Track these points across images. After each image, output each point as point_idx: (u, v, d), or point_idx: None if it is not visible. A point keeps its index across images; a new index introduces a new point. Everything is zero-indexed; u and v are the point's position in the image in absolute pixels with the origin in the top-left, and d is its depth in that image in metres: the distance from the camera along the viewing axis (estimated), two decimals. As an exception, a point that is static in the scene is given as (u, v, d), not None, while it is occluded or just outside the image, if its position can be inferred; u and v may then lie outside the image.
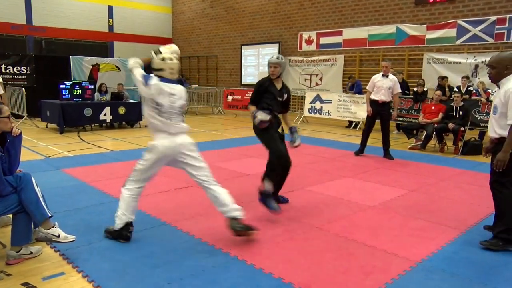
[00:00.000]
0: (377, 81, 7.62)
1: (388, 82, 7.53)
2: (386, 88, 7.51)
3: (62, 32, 19.58)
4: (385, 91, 7.52)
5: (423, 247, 3.56)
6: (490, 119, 3.71)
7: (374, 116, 7.76)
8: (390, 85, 7.52)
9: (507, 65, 3.55)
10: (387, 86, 7.51)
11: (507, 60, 3.56)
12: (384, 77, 7.57)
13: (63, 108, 10.04)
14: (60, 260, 3.20)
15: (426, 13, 13.03)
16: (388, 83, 7.52)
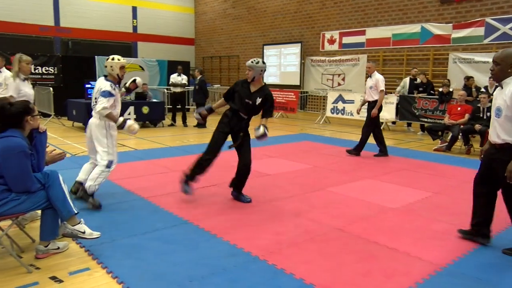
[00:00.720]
0: (367, 82, 7.85)
1: (370, 82, 7.66)
2: (368, 88, 7.71)
3: (87, 33, 20.02)
4: (367, 91, 7.72)
5: (448, 251, 3.49)
6: (492, 122, 3.44)
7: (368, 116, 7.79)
8: (371, 84, 7.63)
9: (510, 63, 3.28)
10: (368, 85, 7.70)
11: (509, 58, 3.28)
12: (369, 77, 7.72)
13: (89, 107, 10.22)
14: (85, 256, 3.28)
15: (452, 11, 12.75)
16: (370, 82, 7.67)
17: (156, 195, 4.94)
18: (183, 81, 12.19)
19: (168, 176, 5.94)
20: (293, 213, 4.40)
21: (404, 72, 13.71)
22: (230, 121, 4.77)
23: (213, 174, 6.05)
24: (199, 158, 4.71)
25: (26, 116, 3.10)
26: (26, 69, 5.24)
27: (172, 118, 12.16)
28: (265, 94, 4.68)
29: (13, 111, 3.04)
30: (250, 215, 4.31)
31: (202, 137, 9.94)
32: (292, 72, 17.84)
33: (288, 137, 10.23)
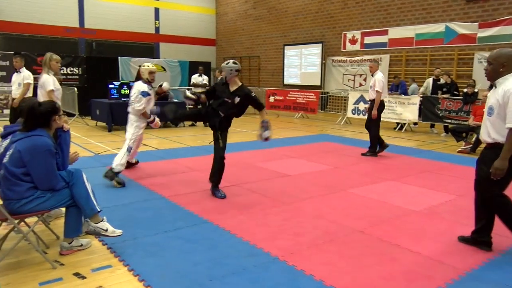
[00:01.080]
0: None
1: (371, 81, 7.77)
2: (369, 87, 7.86)
3: (111, 34, 20.40)
4: (370, 90, 7.83)
5: (472, 256, 3.40)
6: (484, 121, 3.46)
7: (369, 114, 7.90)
8: (371, 84, 7.74)
9: (503, 62, 3.27)
10: (370, 85, 7.83)
11: (504, 57, 3.28)
12: (372, 76, 7.81)
13: (112, 107, 10.44)
14: (108, 253, 3.34)
15: (478, 10, 12.44)
16: (371, 82, 7.79)
17: (177, 194, 4.98)
18: (204, 81, 12.27)
19: (189, 175, 5.99)
20: (313, 214, 4.38)
21: (427, 73, 13.46)
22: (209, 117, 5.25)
23: (233, 175, 6.08)
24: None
25: (53, 115, 3.18)
26: (55, 67, 5.67)
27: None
28: (244, 93, 5.05)
29: (42, 111, 3.12)
30: (270, 215, 4.31)
31: (222, 137, 9.98)
32: (312, 73, 17.75)
33: (308, 137, 10.18)
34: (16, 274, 2.96)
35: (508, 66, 3.27)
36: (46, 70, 5.60)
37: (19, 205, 3.00)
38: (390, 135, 11.04)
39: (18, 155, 2.98)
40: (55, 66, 5.67)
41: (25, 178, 3.01)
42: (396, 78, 12.55)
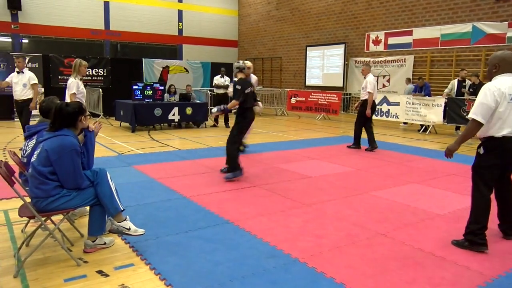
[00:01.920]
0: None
1: (363, 83, 8.37)
2: (362, 88, 8.41)
3: (135, 36, 20.74)
4: (362, 91, 8.41)
5: (500, 262, 3.30)
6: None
7: (359, 112, 8.51)
8: (363, 85, 8.34)
9: (495, 63, 3.51)
10: (362, 86, 8.40)
11: (496, 59, 3.53)
12: (365, 78, 8.38)
13: (135, 108, 10.61)
14: (130, 252, 3.39)
15: (508, 8, 12.09)
16: (363, 83, 8.38)
17: (199, 195, 5.02)
18: (226, 82, 12.33)
19: (211, 176, 6.03)
20: (335, 216, 4.34)
21: (453, 74, 13.17)
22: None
23: (255, 176, 6.09)
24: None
25: (80, 116, 3.25)
26: (83, 72, 6.25)
27: (214, 119, 12.34)
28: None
29: (70, 111, 3.20)
30: (291, 217, 4.29)
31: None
32: (335, 74, 17.61)
33: (330, 139, 10.10)
34: (43, 270, 3.04)
35: (500, 67, 3.49)
36: (75, 74, 6.14)
37: (46, 203, 3.08)
38: (414, 137, 10.84)
39: (45, 154, 3.06)
40: (84, 71, 6.25)
41: (51, 177, 3.08)
42: (420, 80, 12.31)
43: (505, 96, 3.35)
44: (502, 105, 3.35)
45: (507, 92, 3.36)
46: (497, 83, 3.40)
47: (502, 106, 3.35)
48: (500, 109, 3.36)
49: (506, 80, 3.41)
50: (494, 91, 3.35)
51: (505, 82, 3.39)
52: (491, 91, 3.36)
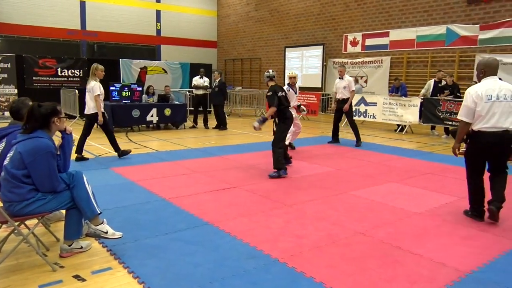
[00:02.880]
0: (337, 83, 9.29)
1: (344, 82, 9.10)
2: (342, 88, 9.13)
3: (112, 36, 20.46)
4: (342, 90, 9.14)
5: (474, 257, 3.38)
6: None
7: (338, 111, 9.30)
8: (345, 85, 9.07)
9: (482, 69, 4.16)
10: (342, 86, 9.11)
11: (482, 64, 4.18)
12: (341, 79, 9.17)
13: (113, 109, 10.45)
14: (108, 255, 3.33)
15: (479, 12, 12.44)
16: (343, 83, 9.10)
17: (178, 196, 4.97)
18: (205, 83, 12.28)
19: (190, 177, 5.98)
20: (315, 216, 4.36)
21: (428, 74, 13.45)
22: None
23: (234, 176, 6.08)
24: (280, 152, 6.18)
25: (53, 117, 3.18)
26: (100, 75, 7.08)
27: (193, 120, 12.27)
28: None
29: (42, 112, 3.12)
30: (272, 217, 4.29)
31: (223, 139, 9.99)
32: (313, 75, 17.75)
33: (309, 139, 10.17)
34: (17, 276, 2.96)
35: (485, 72, 4.13)
36: (94, 77, 6.96)
37: (20, 207, 3.00)
38: (392, 137, 11.02)
39: (19, 157, 2.98)
40: (100, 75, 7.05)
41: (26, 180, 3.00)
42: (396, 80, 12.53)
43: (482, 97, 3.97)
44: (479, 105, 3.99)
45: (484, 94, 3.98)
46: (476, 87, 4.06)
47: (480, 106, 3.99)
48: (478, 108, 3.99)
49: (487, 83, 4.05)
50: (472, 94, 4.02)
51: (486, 85, 4.04)
52: (470, 95, 4.04)
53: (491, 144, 4.05)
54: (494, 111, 3.96)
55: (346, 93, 9.08)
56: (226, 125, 11.95)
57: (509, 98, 4.00)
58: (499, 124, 3.96)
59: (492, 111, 3.96)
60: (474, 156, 4.23)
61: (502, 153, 4.14)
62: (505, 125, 3.97)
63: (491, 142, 4.03)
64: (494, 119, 3.96)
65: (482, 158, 4.22)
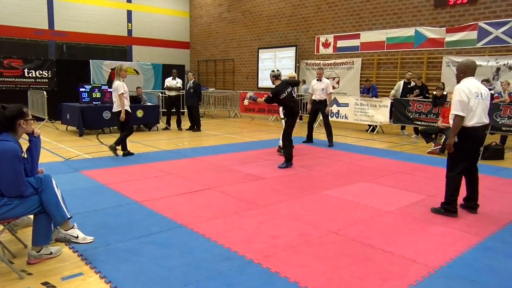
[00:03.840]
0: (314, 85, 9.58)
1: (322, 84, 9.42)
2: (320, 89, 9.42)
3: (82, 36, 19.98)
4: (319, 92, 9.42)
5: (442, 254, 3.49)
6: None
7: (314, 111, 9.72)
8: (323, 87, 9.40)
9: (462, 69, 4.47)
10: (320, 87, 9.42)
11: (462, 66, 4.50)
12: (319, 81, 9.46)
13: (83, 111, 10.22)
14: (79, 260, 3.25)
15: (445, 15, 12.84)
16: (322, 85, 9.42)
17: (151, 199, 4.91)
18: (178, 84, 12.17)
19: (163, 179, 5.92)
20: (289, 216, 4.40)
21: (398, 76, 13.78)
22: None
23: (208, 178, 6.05)
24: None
25: (19, 119, 3.08)
26: (124, 75, 7.53)
27: (166, 121, 12.14)
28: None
29: (6, 115, 3.02)
30: (245, 218, 4.30)
31: (196, 141, 9.93)
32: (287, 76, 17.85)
33: (283, 140, 10.22)
34: (-19, 285, 2.85)
35: (465, 72, 4.44)
36: (118, 77, 7.44)
37: (-16, 213, 2.89)
38: (363, 137, 11.23)
39: (-18, 161, 2.87)
40: (124, 75, 7.51)
41: (-10, 185, 2.90)
42: (367, 81, 12.79)
43: (472, 93, 4.31)
44: (471, 100, 4.29)
45: (473, 90, 4.32)
46: (465, 84, 4.37)
47: (472, 101, 4.29)
48: (470, 103, 4.28)
49: (470, 82, 4.39)
50: (464, 90, 4.30)
51: (471, 83, 4.37)
52: (463, 90, 4.31)
53: (481, 138, 4.51)
54: (479, 107, 4.33)
55: (323, 95, 9.37)
56: (200, 126, 11.88)
57: (486, 97, 4.43)
58: (482, 119, 4.37)
59: (479, 107, 4.33)
60: (466, 151, 4.43)
61: (481, 146, 4.57)
62: (485, 120, 4.42)
63: (481, 136, 4.51)
64: (479, 115, 4.34)
65: (472, 153, 4.50)
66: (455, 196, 4.51)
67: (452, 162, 4.53)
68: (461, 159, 4.46)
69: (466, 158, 4.47)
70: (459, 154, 4.45)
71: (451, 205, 4.51)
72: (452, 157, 4.53)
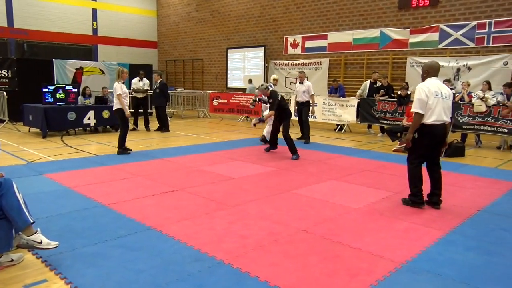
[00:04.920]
0: (297, 87, 10.14)
1: (303, 87, 9.88)
2: (301, 92, 9.92)
3: (44, 35, 19.33)
4: (301, 94, 9.94)
5: (407, 249, 3.60)
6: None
7: (299, 112, 10.14)
8: (304, 89, 9.85)
9: (425, 70, 4.78)
10: (302, 90, 9.89)
11: (426, 66, 4.81)
12: (301, 83, 9.94)
13: (46, 112, 9.89)
14: (43, 267, 3.14)
15: (409, 17, 13.23)
16: (303, 88, 9.88)
17: (119, 202, 4.81)
18: (145, 86, 11.99)
19: (131, 181, 5.81)
20: (258, 216, 4.41)
21: (364, 76, 14.08)
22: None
23: (177, 179, 5.99)
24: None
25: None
26: (125, 76, 7.98)
27: (134, 122, 11.92)
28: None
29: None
30: (215, 219, 4.28)
31: (165, 141, 9.80)
32: (256, 76, 17.91)
33: (253, 140, 10.26)
34: None
35: (429, 73, 4.74)
36: (118, 79, 7.86)
37: None
38: (331, 136, 11.41)
39: None
40: (125, 77, 7.97)
41: None
42: (335, 81, 13.00)
43: (432, 92, 4.58)
44: (430, 99, 4.56)
45: (433, 90, 4.59)
46: (426, 83, 4.67)
47: (430, 99, 4.56)
48: (430, 101, 4.56)
49: (432, 82, 4.68)
50: (424, 89, 4.60)
51: (432, 83, 4.66)
52: (423, 89, 4.61)
53: (440, 135, 4.69)
54: (439, 106, 4.58)
55: (305, 97, 9.85)
56: (169, 127, 11.74)
57: (446, 97, 4.67)
58: (441, 117, 4.61)
59: (438, 105, 4.58)
60: (425, 147, 4.72)
61: (441, 143, 4.78)
62: (445, 118, 4.66)
63: (440, 133, 4.68)
64: (438, 113, 4.58)
65: (430, 149, 4.75)
66: (418, 187, 4.78)
67: (411, 156, 4.83)
68: (419, 153, 4.76)
69: (425, 153, 4.76)
70: (418, 149, 4.75)
71: (417, 197, 4.79)
72: (411, 151, 4.84)
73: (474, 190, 5.71)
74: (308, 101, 9.89)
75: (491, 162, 7.87)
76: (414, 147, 4.78)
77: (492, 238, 3.91)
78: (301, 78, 9.98)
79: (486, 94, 9.32)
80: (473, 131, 9.67)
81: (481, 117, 9.33)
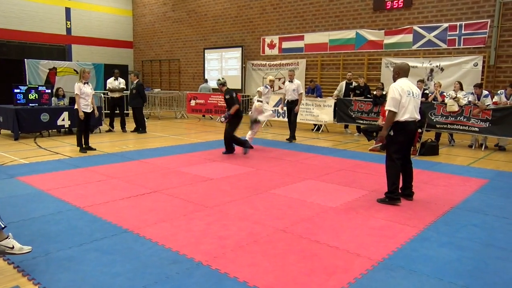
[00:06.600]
0: (286, 86, 10.28)
1: (293, 85, 10.08)
2: (291, 90, 10.09)
3: (15, 34, 18.81)
4: (291, 92, 10.10)
5: (383, 246, 3.66)
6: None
7: (288, 110, 10.31)
8: (294, 88, 10.05)
9: (396, 71, 5.08)
10: (291, 88, 10.08)
11: (396, 68, 5.10)
12: (290, 82, 10.14)
13: (18, 114, 9.63)
14: (15, 272, 3.06)
15: (384, 18, 13.47)
16: (293, 86, 10.08)
17: (94, 204, 4.72)
18: (121, 85, 11.80)
19: (107, 184, 5.71)
20: (237, 216, 4.41)
21: (340, 76, 14.26)
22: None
23: (154, 181, 5.92)
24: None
25: None
26: (87, 76, 8.17)
27: (110, 123, 11.73)
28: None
29: None
30: (193, 220, 4.25)
31: (141, 143, 9.68)
32: (233, 76, 17.91)
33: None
34: None
35: (399, 73, 5.03)
36: (79, 80, 8.05)
37: None
38: (309, 136, 11.50)
39: None
40: (87, 77, 8.18)
41: None
42: (312, 82, 13.11)
43: (405, 91, 4.84)
44: (403, 98, 4.82)
45: (406, 89, 4.86)
46: (399, 83, 4.94)
47: (404, 98, 4.82)
48: (403, 100, 4.82)
49: (404, 82, 4.95)
50: (397, 88, 4.86)
51: (404, 83, 4.93)
52: (396, 88, 4.87)
53: (413, 131, 5.04)
54: (411, 104, 4.85)
55: (294, 95, 10.02)
56: (145, 128, 11.60)
57: (416, 96, 4.97)
58: (413, 115, 4.89)
59: (410, 104, 4.85)
60: (401, 143, 4.96)
61: (413, 138, 5.15)
62: (416, 116, 4.94)
63: (413, 129, 5.02)
64: (411, 111, 4.85)
65: (406, 145, 5.03)
66: (396, 185, 4.97)
67: (390, 153, 5.03)
68: (396, 149, 4.98)
69: (401, 148, 5.00)
70: (395, 145, 4.98)
71: (394, 194, 4.96)
72: (389, 148, 5.05)
73: (447, 187, 5.86)
74: (297, 100, 10.06)
75: (463, 160, 8.10)
76: (391, 144, 4.98)
77: (464, 233, 4.03)
78: (290, 77, 10.18)
79: (458, 94, 9.57)
80: (446, 130, 9.93)
81: (454, 116, 9.58)
